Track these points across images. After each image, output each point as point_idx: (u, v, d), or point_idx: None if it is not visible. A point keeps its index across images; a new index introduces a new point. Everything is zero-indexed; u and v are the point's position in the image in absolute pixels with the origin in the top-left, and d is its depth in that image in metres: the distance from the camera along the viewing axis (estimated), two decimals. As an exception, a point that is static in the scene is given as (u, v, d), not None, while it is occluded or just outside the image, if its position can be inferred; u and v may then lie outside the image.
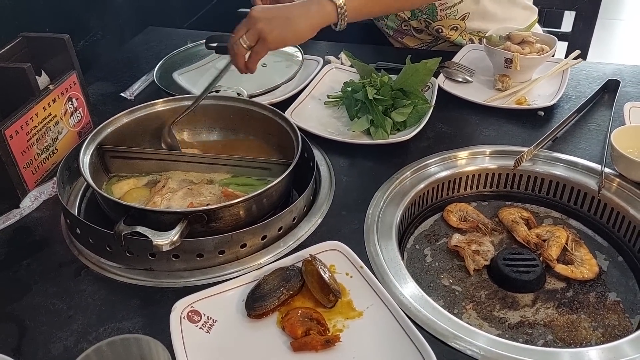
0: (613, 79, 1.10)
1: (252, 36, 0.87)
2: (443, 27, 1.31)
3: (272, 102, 1.08)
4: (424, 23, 1.31)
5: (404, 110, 1.03)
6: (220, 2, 1.96)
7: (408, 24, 1.35)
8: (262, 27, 0.86)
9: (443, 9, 1.26)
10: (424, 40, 1.40)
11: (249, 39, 0.87)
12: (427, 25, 1.32)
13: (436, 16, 1.28)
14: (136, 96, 1.15)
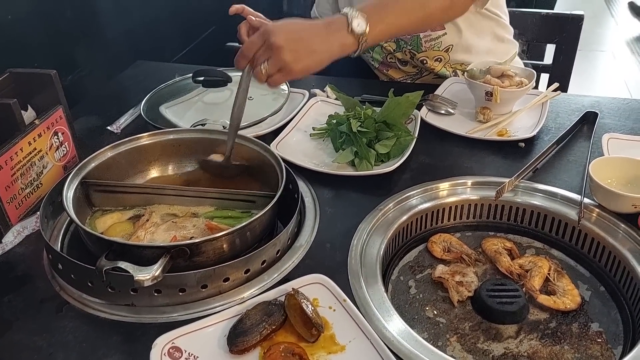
0: (591, 111, 1.12)
1: (275, 66, 0.84)
2: (427, 58, 1.34)
3: (258, 134, 1.10)
4: (409, 54, 1.34)
5: (388, 142, 1.04)
6: (209, 36, 1.99)
7: (393, 56, 1.38)
8: (288, 58, 0.82)
9: (427, 40, 1.29)
10: (408, 73, 1.43)
11: (272, 68, 0.84)
12: (412, 56, 1.35)
13: (421, 47, 1.31)
14: (123, 129, 1.16)
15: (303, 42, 0.83)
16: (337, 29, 0.85)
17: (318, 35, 0.84)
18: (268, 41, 0.82)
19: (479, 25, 1.30)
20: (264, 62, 0.83)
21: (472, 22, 1.28)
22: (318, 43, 0.84)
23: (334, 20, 0.85)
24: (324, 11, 1.52)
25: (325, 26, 0.85)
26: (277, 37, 0.82)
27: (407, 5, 0.92)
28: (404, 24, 0.94)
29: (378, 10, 0.88)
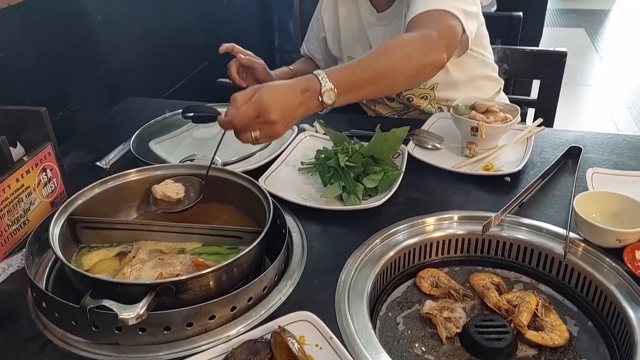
0: (575, 146, 1.14)
1: (267, 136, 0.88)
2: (413, 96, 1.37)
3: (247, 169, 1.10)
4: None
5: (375, 176, 1.05)
6: (200, 72, 2.02)
7: None
8: (278, 129, 0.88)
9: None
10: (395, 108, 1.45)
11: (261, 137, 0.88)
12: (399, 94, 1.37)
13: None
14: (112, 165, 1.17)
15: (290, 113, 0.88)
16: (310, 97, 0.90)
17: (299, 104, 0.89)
18: (264, 117, 0.85)
19: (464, 64, 1.33)
20: (254, 130, 0.87)
21: (457, 61, 1.31)
22: (298, 110, 0.90)
23: (309, 87, 0.90)
24: (313, 48, 1.55)
25: (302, 92, 0.89)
26: (273, 114, 0.85)
27: (374, 74, 0.96)
28: (369, 93, 1.00)
29: (347, 80, 0.93)
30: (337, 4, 1.44)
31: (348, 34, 1.43)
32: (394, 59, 0.98)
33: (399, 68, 0.99)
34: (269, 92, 0.86)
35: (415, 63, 1.00)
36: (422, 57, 1.01)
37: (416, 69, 1.01)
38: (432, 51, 1.02)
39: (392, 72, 0.99)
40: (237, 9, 2.39)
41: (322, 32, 1.49)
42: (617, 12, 5.30)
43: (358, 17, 1.40)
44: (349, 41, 1.44)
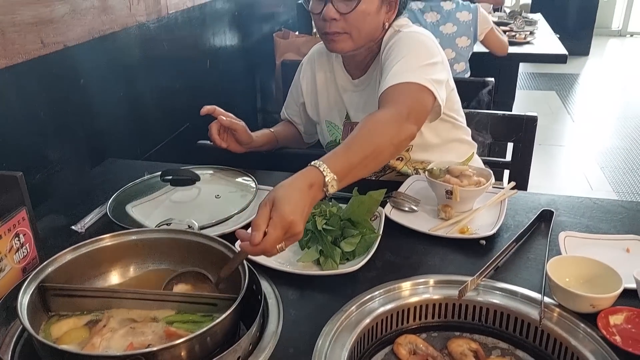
0: (547, 209, 1.16)
1: (289, 244, 0.89)
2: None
3: (225, 232, 1.10)
4: None
5: (353, 240, 1.06)
6: (181, 134, 2.05)
7: None
8: (301, 234, 0.89)
9: None
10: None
11: (287, 245, 0.89)
12: None
13: None
14: (87, 229, 1.15)
15: (306, 214, 0.91)
16: (316, 190, 0.94)
17: (311, 201, 0.92)
18: (291, 231, 0.87)
19: (437, 128, 1.37)
20: (281, 243, 0.87)
21: (430, 125, 1.35)
22: (310, 207, 0.93)
23: (314, 182, 0.93)
24: (292, 112, 1.59)
25: (309, 188, 0.92)
26: (298, 226, 0.87)
27: (365, 158, 1.02)
28: (362, 174, 1.04)
29: (345, 168, 0.98)
30: (315, 71, 1.49)
31: (325, 99, 1.48)
32: (378, 141, 1.05)
33: (383, 148, 1.06)
34: (288, 205, 0.87)
35: (395, 141, 1.07)
36: (399, 135, 1.08)
37: (396, 147, 1.09)
38: (405, 127, 1.09)
39: (378, 154, 1.05)
40: (220, 72, 2.45)
41: (301, 97, 1.53)
42: (586, 76, 5.54)
43: (334, 84, 1.45)
44: (326, 106, 1.48)
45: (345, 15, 1.23)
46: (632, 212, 1.18)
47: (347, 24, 1.25)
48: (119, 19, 1.61)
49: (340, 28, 1.25)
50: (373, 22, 1.27)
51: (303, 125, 1.60)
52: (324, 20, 1.25)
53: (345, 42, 1.27)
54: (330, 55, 1.46)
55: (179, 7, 1.98)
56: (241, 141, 1.39)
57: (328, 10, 1.23)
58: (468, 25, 2.40)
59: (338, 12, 1.23)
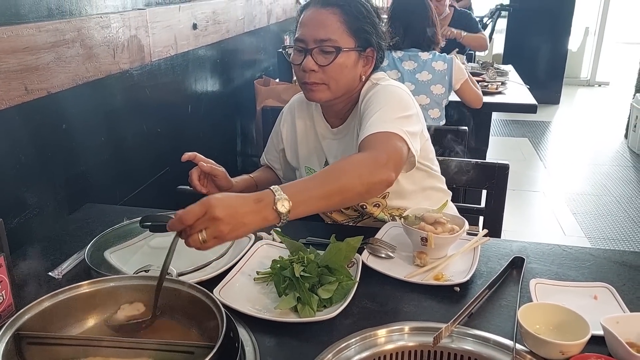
0: (518, 256, 1.20)
1: (211, 235, 0.90)
2: (366, 204, 1.43)
3: (202, 279, 1.11)
4: None
5: (330, 287, 1.07)
6: (160, 178, 2.06)
7: None
8: (224, 229, 0.90)
9: None
10: (350, 216, 1.51)
11: (209, 237, 0.90)
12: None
13: None
14: (64, 275, 1.15)
15: (238, 216, 0.92)
16: (264, 206, 0.95)
17: (250, 212, 0.93)
18: (210, 214, 0.89)
19: (413, 176, 1.42)
20: (201, 231, 0.90)
21: (405, 176, 1.40)
22: (249, 217, 0.93)
23: (263, 198, 0.95)
24: (272, 158, 1.63)
25: (255, 202, 0.94)
26: (218, 211, 0.89)
27: (327, 191, 1.03)
28: (322, 206, 1.06)
29: (301, 193, 0.99)
30: (295, 118, 1.53)
31: (305, 146, 1.52)
32: (346, 178, 1.06)
33: (351, 186, 1.06)
34: (219, 195, 0.93)
35: (366, 182, 1.08)
36: (372, 176, 1.09)
37: (366, 187, 1.09)
38: (381, 171, 1.11)
39: (344, 190, 1.06)
40: (202, 117, 2.49)
41: (281, 144, 1.57)
42: (557, 124, 5.74)
43: (314, 131, 1.50)
44: (306, 153, 1.52)
45: (324, 67, 1.30)
46: (599, 260, 1.22)
47: (326, 75, 1.31)
48: (103, 67, 1.65)
49: (319, 79, 1.31)
50: (350, 75, 1.33)
51: (282, 171, 1.63)
52: (303, 71, 1.31)
53: (323, 92, 1.33)
54: (310, 104, 1.51)
55: (162, 54, 2.03)
56: (221, 187, 1.41)
57: (308, 62, 1.29)
58: (443, 74, 2.51)
59: (317, 64, 1.30)
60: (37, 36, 1.36)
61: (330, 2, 1.31)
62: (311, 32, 1.30)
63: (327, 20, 1.30)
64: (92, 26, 1.58)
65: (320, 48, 1.29)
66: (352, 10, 1.31)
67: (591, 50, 7.48)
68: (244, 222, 0.92)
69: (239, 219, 0.92)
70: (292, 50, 1.36)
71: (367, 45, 1.34)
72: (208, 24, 2.43)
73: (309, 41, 1.30)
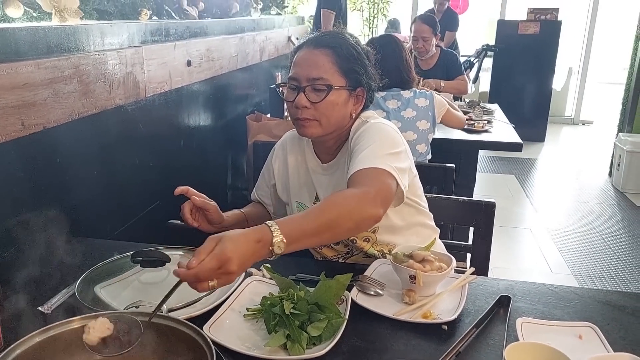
0: (505, 295, 1.22)
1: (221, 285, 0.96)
2: (357, 238, 1.45)
3: (192, 315, 1.11)
4: None
5: (320, 324, 1.08)
6: (151, 211, 2.07)
7: None
8: (234, 278, 0.97)
9: None
10: (340, 252, 1.53)
11: (217, 286, 0.96)
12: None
13: None
14: (54, 310, 1.15)
15: (246, 262, 0.98)
16: (262, 247, 1.00)
17: (253, 254, 0.99)
18: (225, 268, 0.94)
19: (402, 211, 1.45)
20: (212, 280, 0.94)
21: (394, 211, 1.43)
22: (252, 260, 1.00)
23: (262, 238, 1.00)
24: (263, 194, 1.65)
25: (255, 242, 1.00)
26: (233, 266, 0.94)
27: (318, 227, 1.08)
28: (314, 242, 1.13)
29: (296, 231, 1.04)
30: (287, 154, 1.57)
31: (296, 181, 1.55)
32: (336, 213, 1.11)
33: (341, 222, 1.11)
34: (231, 244, 0.95)
35: (355, 217, 1.13)
36: (361, 212, 1.13)
37: (355, 222, 1.13)
38: (370, 207, 1.15)
39: (334, 226, 1.10)
40: (193, 151, 2.52)
41: (272, 179, 1.60)
42: (543, 161, 5.84)
43: (305, 166, 1.53)
44: (297, 187, 1.55)
45: (316, 104, 1.35)
46: (583, 299, 1.24)
47: (317, 112, 1.36)
48: (99, 102, 1.68)
49: (311, 115, 1.36)
50: (341, 112, 1.38)
51: (273, 206, 1.65)
52: (296, 108, 1.36)
53: (315, 128, 1.38)
54: (302, 141, 1.55)
55: (156, 90, 2.06)
56: (212, 221, 1.43)
57: (300, 98, 1.35)
58: (426, 109, 2.60)
59: (309, 101, 1.35)
60: (35, 73, 1.39)
61: (323, 44, 1.37)
62: (304, 71, 1.35)
63: (320, 61, 1.35)
64: (90, 63, 1.61)
65: (312, 86, 1.34)
66: (344, 51, 1.37)
67: (575, 90, 7.68)
68: (248, 265, 0.99)
69: (246, 263, 0.98)
70: (286, 88, 1.41)
71: (358, 85, 1.40)
72: (202, 60, 2.48)
73: (302, 79, 1.35)
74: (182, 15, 2.50)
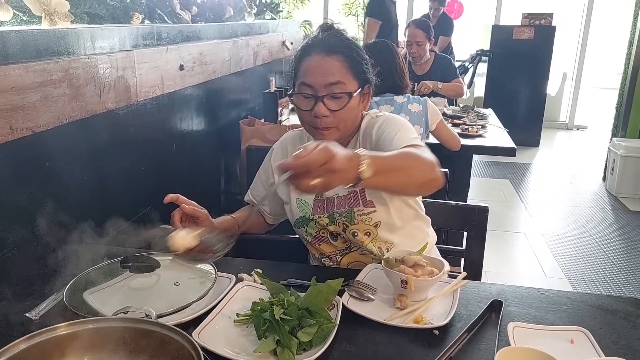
0: (497, 300, 1.21)
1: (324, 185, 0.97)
2: (358, 231, 1.46)
3: (182, 321, 1.10)
4: (342, 226, 1.47)
5: (310, 329, 1.07)
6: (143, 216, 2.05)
7: (326, 230, 1.50)
8: (332, 182, 0.98)
9: (360, 214, 1.45)
10: (338, 248, 1.52)
11: (317, 188, 0.97)
12: (345, 228, 1.47)
13: (354, 220, 1.45)
14: (42, 316, 1.13)
15: (344, 172, 1.00)
16: (353, 165, 1.02)
17: (347, 168, 1.01)
18: (330, 165, 0.96)
19: (403, 212, 1.48)
20: (314, 178, 0.96)
21: (397, 206, 1.46)
22: (344, 174, 1.01)
23: (353, 158, 1.02)
24: (259, 194, 1.64)
25: (348, 161, 1.01)
26: (337, 164, 0.97)
27: (398, 170, 1.13)
28: (390, 182, 1.13)
29: (380, 163, 1.07)
30: (287, 153, 1.58)
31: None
32: (415, 162, 1.18)
33: (416, 172, 1.17)
34: (333, 146, 0.99)
35: (428, 175, 1.19)
36: (433, 172, 1.19)
37: (427, 179, 1.19)
38: (439, 171, 1.21)
39: (411, 173, 1.16)
40: (186, 155, 2.51)
41: (272, 178, 1.59)
42: (537, 165, 5.85)
43: None
44: None
45: (335, 112, 1.37)
46: (576, 304, 1.24)
47: (336, 119, 1.39)
48: (89, 106, 1.66)
49: (330, 123, 1.39)
50: (354, 114, 1.43)
51: (269, 206, 1.64)
52: (315, 117, 1.37)
53: (334, 134, 1.41)
54: (303, 139, 1.56)
55: (148, 94, 2.05)
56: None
57: (320, 108, 1.36)
58: (419, 115, 2.60)
59: (328, 110, 1.36)
60: (24, 76, 1.38)
61: (335, 50, 1.39)
62: (320, 80, 1.36)
63: (335, 67, 1.37)
64: (80, 66, 1.60)
65: (331, 95, 1.36)
66: (353, 54, 1.40)
67: (569, 95, 7.72)
68: (343, 177, 1.00)
69: (343, 174, 0.99)
70: (297, 97, 1.41)
71: (365, 83, 1.44)
72: (195, 64, 2.47)
73: (319, 88, 1.36)
74: (174, 19, 2.49)
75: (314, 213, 1.50)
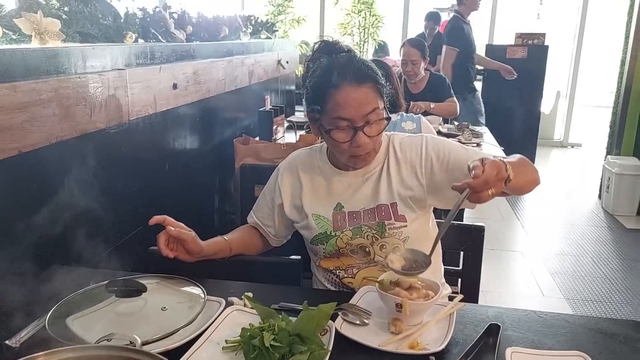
0: (494, 323, 1.18)
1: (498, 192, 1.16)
2: (387, 244, 1.45)
3: (168, 348, 1.07)
4: (371, 239, 1.45)
5: (301, 357, 1.03)
6: (133, 237, 2.02)
7: (349, 244, 1.47)
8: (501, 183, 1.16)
9: (391, 228, 1.44)
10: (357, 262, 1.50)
11: (494, 192, 1.15)
12: (374, 241, 1.45)
13: (384, 233, 1.44)
14: (22, 343, 1.09)
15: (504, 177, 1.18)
16: (505, 172, 1.18)
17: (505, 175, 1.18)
18: (501, 174, 1.15)
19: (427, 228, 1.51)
20: (490, 189, 1.13)
21: (422, 223, 1.48)
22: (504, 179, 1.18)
23: (502, 165, 1.18)
24: (264, 215, 1.60)
25: (503, 168, 1.18)
26: (503, 173, 1.16)
27: (522, 171, 1.28)
28: (516, 182, 1.23)
29: (517, 169, 1.22)
30: (297, 173, 1.56)
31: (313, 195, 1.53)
32: (530, 167, 1.38)
33: (530, 174, 1.36)
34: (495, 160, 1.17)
35: (536, 176, 1.39)
36: (537, 172, 1.40)
37: (534, 181, 1.38)
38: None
39: (528, 172, 1.34)
40: (179, 174, 2.48)
41: (279, 199, 1.56)
42: (533, 183, 5.84)
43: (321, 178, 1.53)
44: (314, 200, 1.52)
45: (374, 137, 1.39)
46: (574, 327, 1.21)
47: (373, 142, 1.41)
48: (79, 126, 1.64)
49: (370, 147, 1.40)
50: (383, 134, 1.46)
51: (274, 227, 1.61)
52: (357, 147, 1.38)
53: (372, 156, 1.45)
54: (314, 156, 1.55)
55: (140, 113, 2.03)
56: (190, 251, 1.40)
57: (362, 138, 1.37)
58: (413, 133, 2.58)
59: (368, 137, 1.38)
60: (12, 96, 1.35)
61: (365, 78, 1.38)
62: (358, 112, 1.36)
63: (369, 97, 1.37)
64: (70, 86, 1.58)
65: (369, 124, 1.37)
66: (378, 78, 1.40)
67: (563, 113, 7.75)
68: (502, 183, 1.17)
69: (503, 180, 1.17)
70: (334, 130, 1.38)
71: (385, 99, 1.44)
72: (189, 84, 2.46)
73: (357, 119, 1.36)
74: (169, 38, 2.48)
75: (335, 229, 1.48)
